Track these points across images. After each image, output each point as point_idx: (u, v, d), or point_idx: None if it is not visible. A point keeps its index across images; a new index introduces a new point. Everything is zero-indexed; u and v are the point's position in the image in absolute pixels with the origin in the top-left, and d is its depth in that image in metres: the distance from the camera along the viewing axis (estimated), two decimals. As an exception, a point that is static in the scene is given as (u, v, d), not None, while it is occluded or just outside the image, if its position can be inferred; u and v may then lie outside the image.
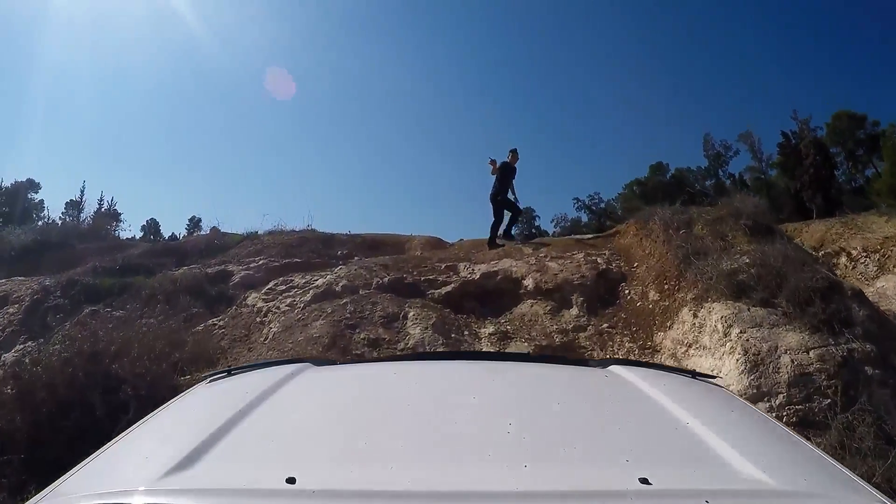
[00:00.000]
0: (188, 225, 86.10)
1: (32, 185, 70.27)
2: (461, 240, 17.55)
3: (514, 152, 13.59)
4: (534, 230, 72.73)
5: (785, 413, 6.21)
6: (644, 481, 1.15)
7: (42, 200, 72.09)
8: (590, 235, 15.17)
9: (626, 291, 9.92)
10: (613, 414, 1.66)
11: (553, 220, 70.95)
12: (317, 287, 10.13)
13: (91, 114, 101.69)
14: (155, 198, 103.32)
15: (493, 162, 13.14)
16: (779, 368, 6.97)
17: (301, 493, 1.12)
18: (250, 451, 1.37)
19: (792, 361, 6.90)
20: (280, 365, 2.15)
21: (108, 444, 1.53)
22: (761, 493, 1.18)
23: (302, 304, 9.58)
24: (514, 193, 13.44)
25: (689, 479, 1.21)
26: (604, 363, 2.23)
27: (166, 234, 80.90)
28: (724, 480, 1.22)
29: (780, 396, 6.77)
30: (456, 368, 2.21)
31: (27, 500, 1.28)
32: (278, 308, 9.77)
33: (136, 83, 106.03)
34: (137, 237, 79.47)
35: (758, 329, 7.44)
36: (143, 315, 10.39)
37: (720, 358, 7.43)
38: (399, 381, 1.96)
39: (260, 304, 10.10)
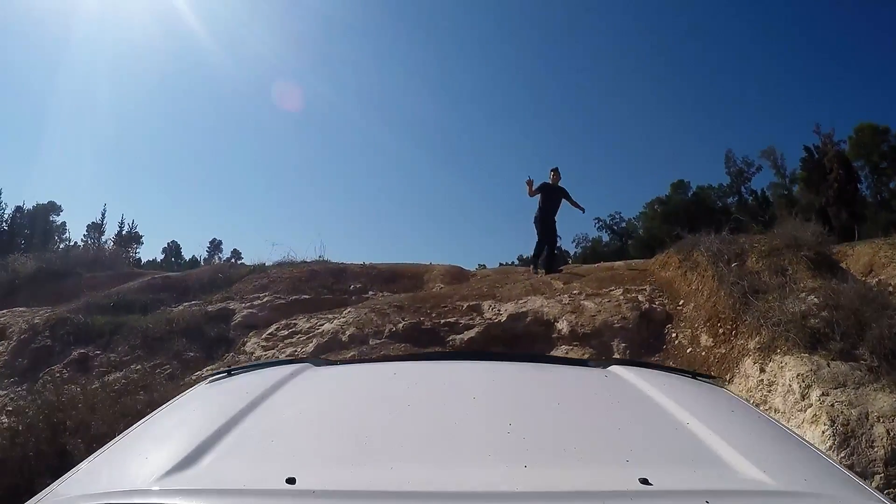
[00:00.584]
0: (209, 248, 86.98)
1: (54, 208, 71.56)
2: (482, 267, 16.58)
3: (554, 171, 13.27)
4: (555, 251, 71.35)
5: (884, 500, 4.53)
6: (644, 481, 1.12)
7: (64, 223, 72.58)
8: (621, 263, 14.56)
9: (674, 335, 8.83)
10: (613, 414, 1.65)
11: (574, 241, 70.20)
12: (321, 335, 9.42)
13: (112, 137, 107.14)
14: (176, 220, 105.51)
15: (529, 182, 12.83)
16: (873, 442, 5.79)
17: (301, 493, 1.10)
18: (250, 451, 1.36)
19: (888, 432, 5.78)
20: (280, 365, 2.12)
21: (108, 444, 1.52)
22: (761, 493, 1.15)
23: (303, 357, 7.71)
24: (578, 206, 13.65)
25: (689, 479, 1.18)
26: (604, 363, 2.21)
27: (187, 256, 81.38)
28: (724, 480, 1.19)
29: (878, 478, 5.60)
30: (456, 368, 2.18)
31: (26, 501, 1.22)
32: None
33: (156, 107, 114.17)
34: (159, 259, 78.93)
35: (842, 390, 6.32)
36: (134, 359, 9.87)
37: (800, 426, 6.29)
38: (399, 381, 1.94)
39: (259, 351, 9.53)
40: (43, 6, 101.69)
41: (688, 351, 8.16)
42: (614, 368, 2.11)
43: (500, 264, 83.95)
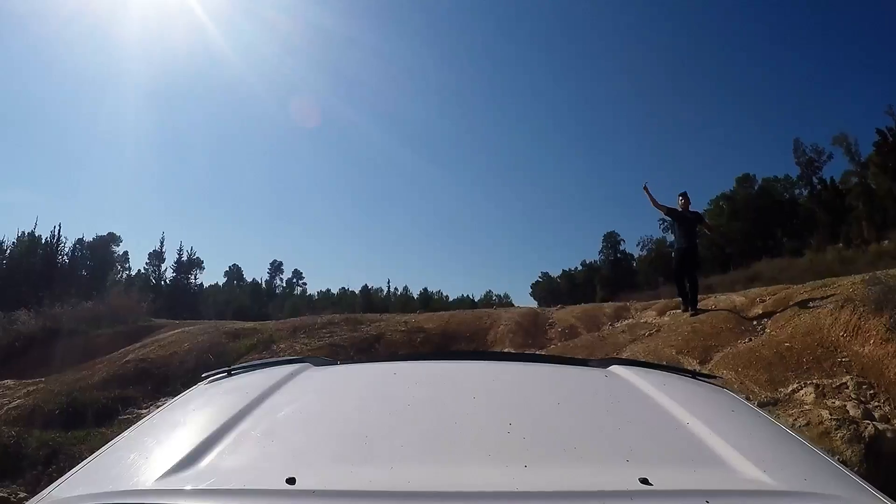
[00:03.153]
0: (269, 269, 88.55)
1: (114, 239, 72.85)
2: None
3: (683, 196, 11.44)
4: (619, 255, 69.81)
5: None
6: (644, 481, 1.13)
7: (126, 252, 74.09)
8: (754, 293, 12.20)
9: (929, 490, 3.56)
10: (613, 414, 1.63)
11: (639, 244, 68.54)
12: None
13: (168, 164, 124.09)
14: (238, 242, 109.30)
15: (647, 190, 11.26)
16: None
17: (301, 493, 1.10)
18: (250, 451, 1.37)
19: None
20: (280, 365, 2.10)
21: (108, 444, 1.56)
22: (761, 493, 1.15)
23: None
24: (710, 230, 13.22)
25: (689, 479, 1.18)
26: (604, 363, 2.20)
27: (248, 278, 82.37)
28: (724, 480, 1.19)
29: None
30: (456, 368, 2.19)
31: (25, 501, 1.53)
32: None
33: (208, 133, 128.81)
34: (221, 283, 78.60)
35: None
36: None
37: None
38: (399, 380, 1.92)
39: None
40: (87, 46, 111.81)
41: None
42: (614, 368, 2.08)
43: (564, 271, 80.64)
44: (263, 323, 15.55)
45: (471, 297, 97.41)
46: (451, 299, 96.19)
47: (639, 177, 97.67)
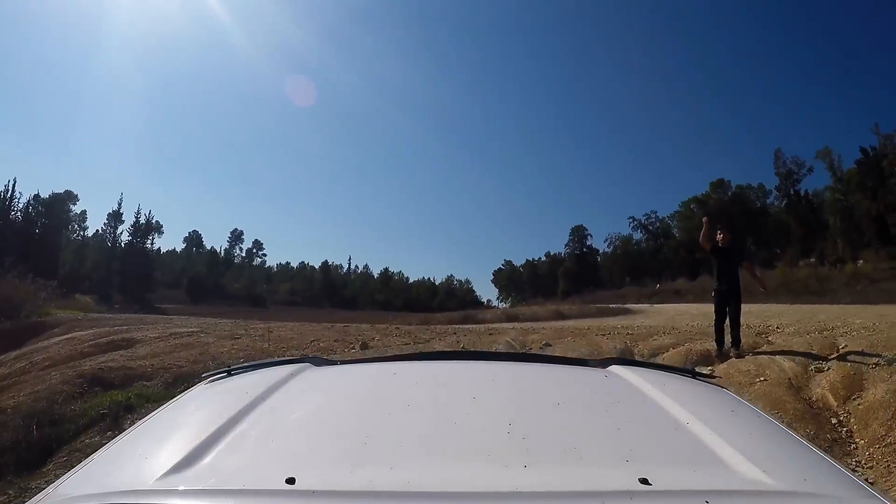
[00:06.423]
0: (230, 238, 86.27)
1: (70, 197, 68.15)
2: (545, 345, 12.46)
3: (722, 229, 10.26)
4: (585, 249, 67.66)
5: None
6: (644, 481, 1.11)
7: (84, 211, 70.02)
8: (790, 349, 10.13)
9: None
10: (613, 414, 1.61)
11: (606, 241, 67.03)
12: None
13: (136, 127, 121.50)
14: (198, 208, 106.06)
15: (706, 223, 10.29)
16: None
17: (301, 494, 1.08)
18: (250, 451, 1.35)
19: None
20: (280, 365, 2.08)
21: (108, 444, 1.52)
22: (761, 493, 1.13)
23: None
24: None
25: (689, 479, 1.17)
26: (604, 363, 2.20)
27: (208, 245, 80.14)
28: (724, 480, 1.17)
29: None
30: (456, 368, 2.19)
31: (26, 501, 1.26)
32: None
33: (180, 97, 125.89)
34: (179, 249, 75.59)
35: None
36: None
37: None
38: (399, 380, 1.91)
39: None
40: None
41: None
42: (614, 368, 2.08)
43: (528, 260, 77.96)
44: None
45: (432, 279, 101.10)
46: (411, 280, 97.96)
47: (614, 172, 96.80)
